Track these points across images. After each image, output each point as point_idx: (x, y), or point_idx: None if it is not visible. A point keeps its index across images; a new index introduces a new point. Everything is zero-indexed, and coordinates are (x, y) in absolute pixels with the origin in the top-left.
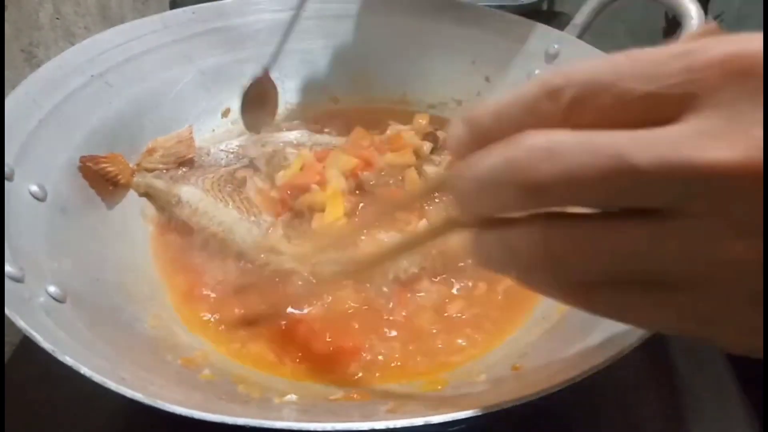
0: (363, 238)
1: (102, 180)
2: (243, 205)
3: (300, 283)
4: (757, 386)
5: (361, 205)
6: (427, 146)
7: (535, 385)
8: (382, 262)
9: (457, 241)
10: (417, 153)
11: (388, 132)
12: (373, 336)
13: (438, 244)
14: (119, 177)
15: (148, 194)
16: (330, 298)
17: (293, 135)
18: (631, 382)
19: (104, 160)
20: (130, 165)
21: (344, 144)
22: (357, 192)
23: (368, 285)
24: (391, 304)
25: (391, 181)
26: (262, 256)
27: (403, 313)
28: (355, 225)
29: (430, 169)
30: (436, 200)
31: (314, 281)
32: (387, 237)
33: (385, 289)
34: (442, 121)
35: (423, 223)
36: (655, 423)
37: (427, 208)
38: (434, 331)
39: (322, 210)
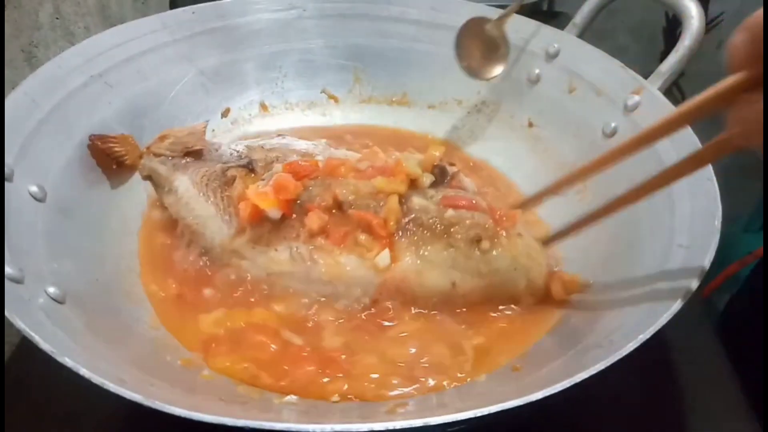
0: (343, 259)
1: (108, 159)
2: (222, 202)
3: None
4: (757, 386)
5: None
6: (428, 178)
7: (535, 386)
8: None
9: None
10: (415, 183)
11: (397, 155)
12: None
13: None
14: (126, 157)
15: (150, 178)
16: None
17: (304, 144)
18: (632, 383)
19: (113, 140)
20: (140, 148)
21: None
22: (333, 211)
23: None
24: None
25: (371, 205)
26: (226, 256)
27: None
28: None
29: (417, 200)
30: (407, 228)
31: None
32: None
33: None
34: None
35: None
36: (656, 423)
37: (396, 238)
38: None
39: None
